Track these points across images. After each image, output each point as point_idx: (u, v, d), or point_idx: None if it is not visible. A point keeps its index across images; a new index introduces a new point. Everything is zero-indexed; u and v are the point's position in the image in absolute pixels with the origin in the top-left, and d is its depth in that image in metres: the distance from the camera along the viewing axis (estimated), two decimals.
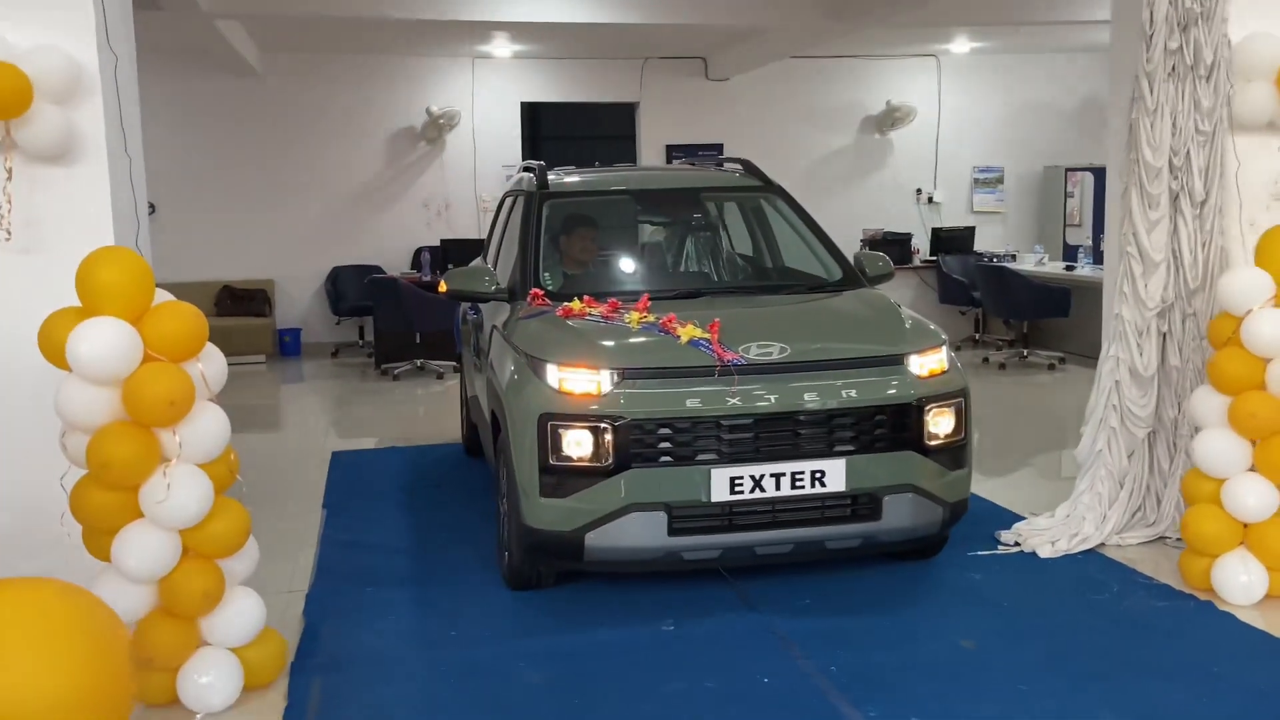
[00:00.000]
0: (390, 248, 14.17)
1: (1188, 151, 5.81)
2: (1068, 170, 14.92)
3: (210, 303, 13.58)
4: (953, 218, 15.15)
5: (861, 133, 15.15)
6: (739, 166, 6.78)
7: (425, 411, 10.85)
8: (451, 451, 8.45)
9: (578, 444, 4.89)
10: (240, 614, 4.29)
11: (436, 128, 14.02)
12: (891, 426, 4.99)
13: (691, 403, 4.87)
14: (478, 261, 7.95)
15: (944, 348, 5.27)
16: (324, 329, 14.21)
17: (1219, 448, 5.14)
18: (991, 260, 13.36)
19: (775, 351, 5.00)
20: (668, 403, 4.87)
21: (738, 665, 4.60)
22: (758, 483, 4.90)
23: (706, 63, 14.78)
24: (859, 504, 5.01)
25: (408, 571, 5.85)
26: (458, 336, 7.91)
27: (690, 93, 14.88)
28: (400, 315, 12.11)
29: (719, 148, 14.35)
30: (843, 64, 14.92)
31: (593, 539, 4.90)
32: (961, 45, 14.43)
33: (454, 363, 12.06)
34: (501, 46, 13.53)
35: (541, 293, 5.60)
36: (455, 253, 13.24)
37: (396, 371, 12.27)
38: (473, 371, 6.93)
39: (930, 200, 15.24)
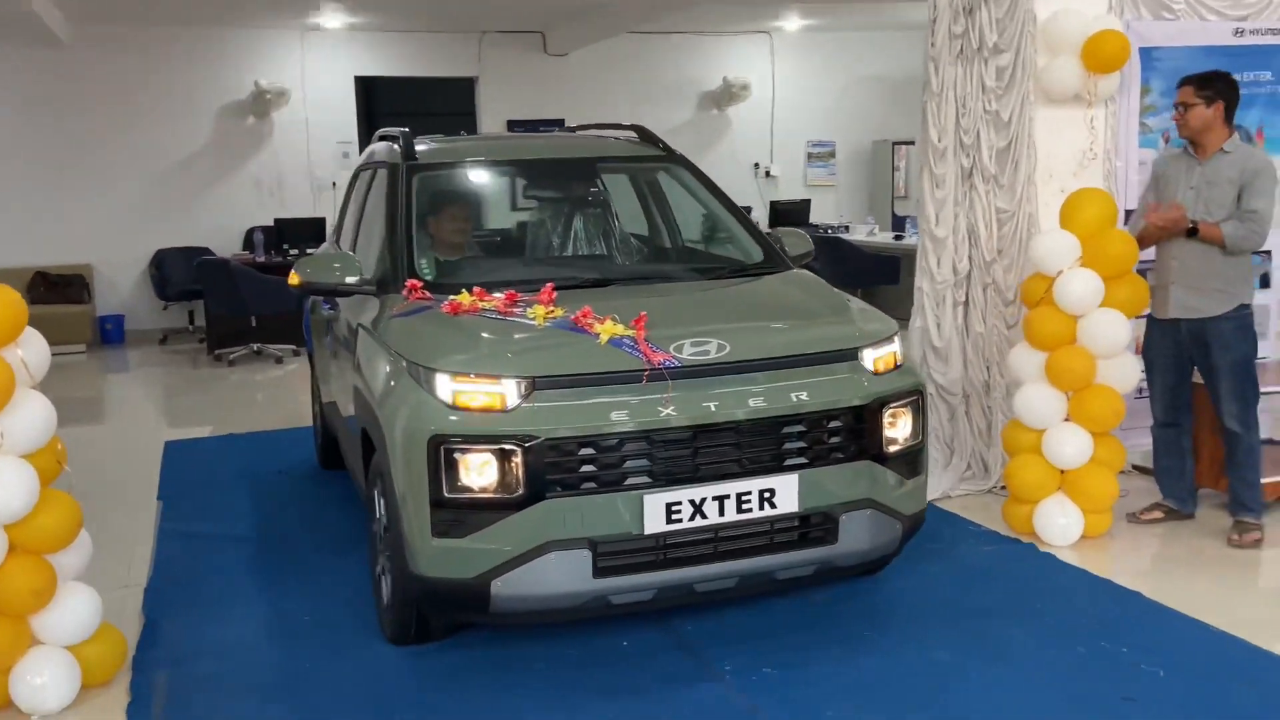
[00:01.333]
0: (220, 228, 12.50)
1: (978, 131, 5.78)
2: (894, 144, 14.41)
3: (23, 289, 11.60)
4: (789, 191, 14.38)
5: (700, 109, 14.17)
6: (632, 134, 5.57)
7: (264, 397, 9.66)
8: (295, 437, 7.40)
9: (479, 471, 3.65)
10: (74, 611, 3.81)
11: (264, 103, 12.41)
12: (848, 433, 3.90)
13: (618, 415, 3.67)
14: (326, 246, 6.58)
15: (897, 338, 4.23)
16: (150, 315, 12.51)
17: (1037, 401, 5.12)
18: (826, 231, 12.76)
19: (713, 350, 3.84)
20: (589, 417, 3.67)
21: None
22: (698, 508, 3.76)
23: (545, 37, 13.60)
24: (813, 526, 3.89)
25: (255, 561, 5.21)
26: (307, 334, 6.44)
27: (529, 68, 13.66)
28: (234, 298, 10.71)
29: (559, 123, 13.16)
30: (680, 40, 13.97)
31: (501, 587, 3.68)
32: (793, 22, 13.75)
33: (294, 346, 10.85)
34: (332, 17, 11.98)
35: (419, 284, 4.32)
36: (291, 232, 11.93)
37: (231, 357, 10.88)
38: (330, 375, 5.60)
39: (768, 174, 14.40)
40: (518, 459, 3.62)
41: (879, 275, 11.55)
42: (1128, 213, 5.62)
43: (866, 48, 14.55)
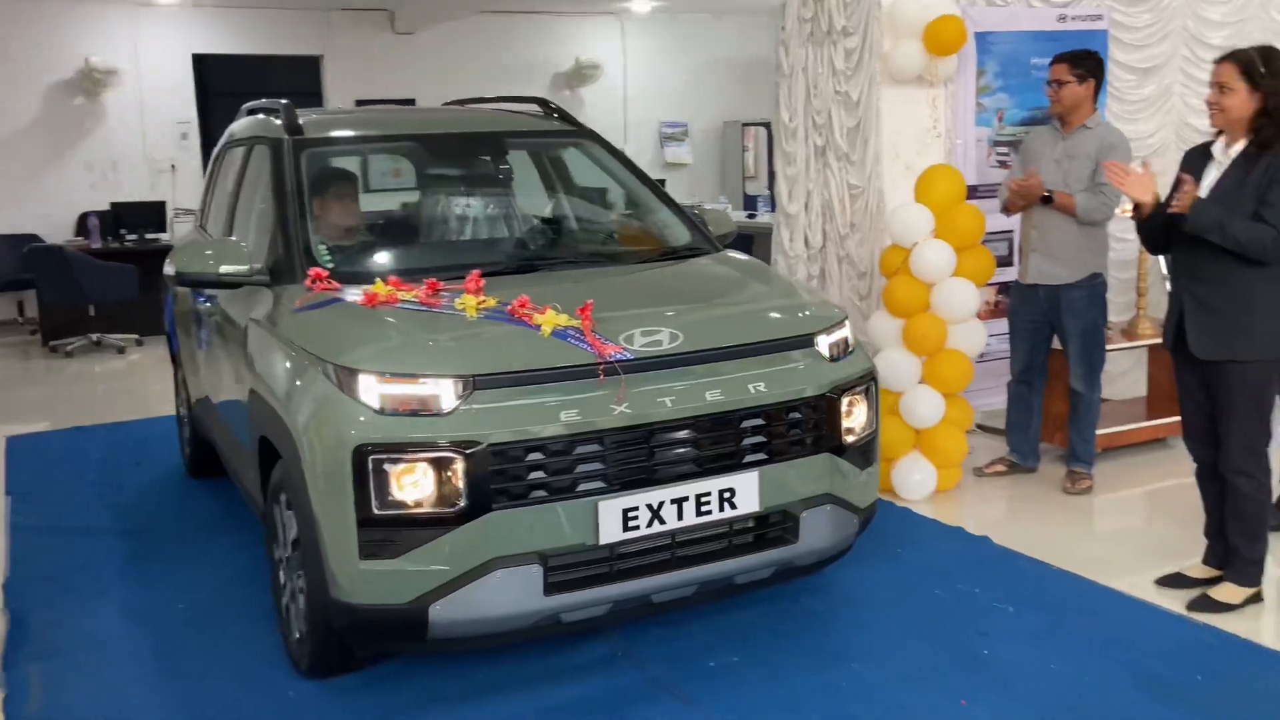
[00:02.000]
0: (49, 214, 11.25)
1: (829, 111, 5.85)
2: (744, 125, 14.17)
3: None
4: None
5: (552, 90, 13.48)
6: (535, 107, 5.00)
7: (108, 389, 8.84)
8: (149, 429, 6.80)
9: (415, 483, 3.10)
10: None
11: (95, 81, 11.25)
12: (808, 425, 3.50)
13: (568, 416, 3.17)
14: (191, 233, 5.82)
15: (846, 321, 3.85)
16: None
17: (895, 365, 5.16)
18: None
19: (665, 340, 3.37)
20: (537, 418, 3.16)
21: None
22: (656, 513, 3.29)
23: (393, 15, 12.81)
24: (774, 526, 3.49)
25: (120, 552, 4.81)
26: (170, 328, 5.66)
27: (377, 46, 12.84)
28: (69, 287, 9.73)
29: (410, 103, 12.42)
30: (531, 20, 13.39)
31: (440, 611, 3.14)
32: (642, 5, 13.32)
33: (136, 335, 10.02)
34: None
35: (325, 273, 3.72)
36: (129, 217, 10.96)
37: (69, 348, 9.88)
38: (206, 376, 4.90)
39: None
40: (458, 468, 3.09)
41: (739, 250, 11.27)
42: (970, 188, 5.71)
43: (715, 30, 14.20)
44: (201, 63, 12.50)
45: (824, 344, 3.62)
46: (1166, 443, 5.76)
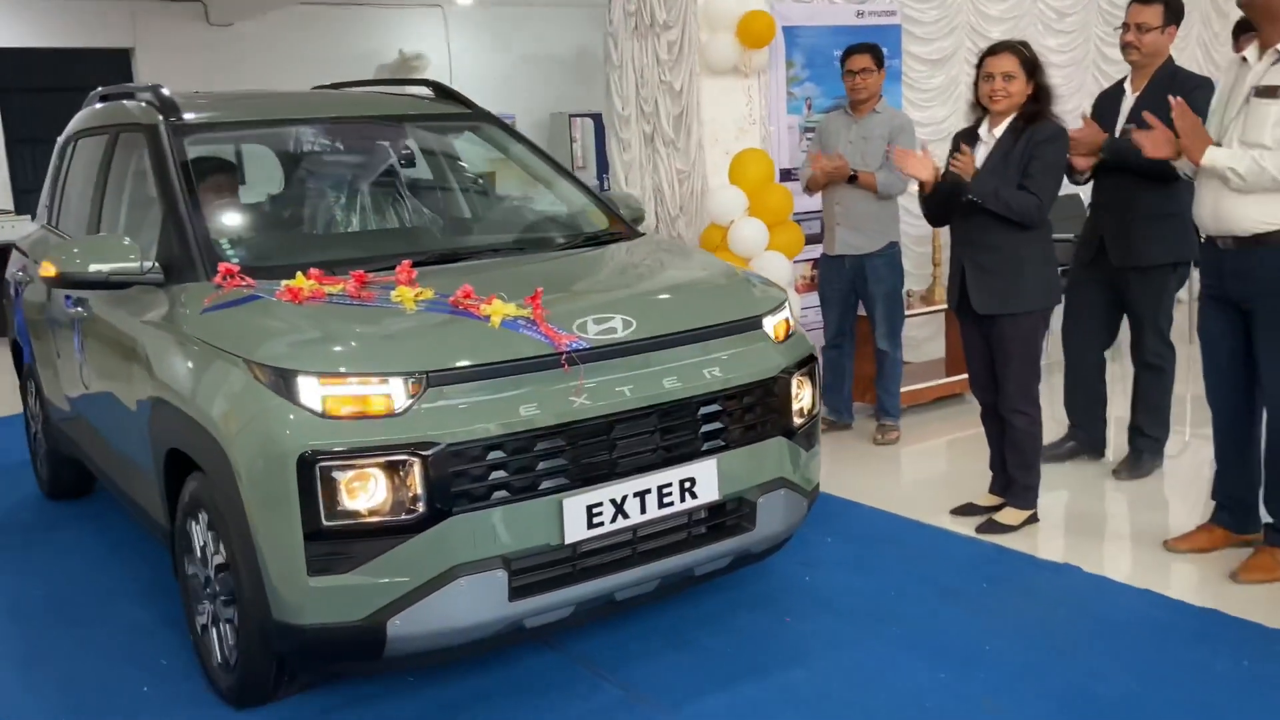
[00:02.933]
0: None
1: (656, 100, 6.06)
2: (571, 116, 13.98)
3: None
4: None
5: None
6: (427, 90, 4.65)
7: None
8: None
9: (367, 491, 2.82)
10: None
11: None
12: (760, 409, 3.35)
13: (527, 410, 2.94)
14: (38, 230, 5.28)
15: (787, 302, 3.76)
16: None
17: None
18: None
19: (619, 327, 3.14)
20: (495, 414, 2.90)
21: None
22: (619, 508, 3.08)
23: (206, 6, 12.13)
24: (731, 514, 3.34)
25: None
26: (22, 336, 5.05)
27: (192, 39, 12.10)
28: None
29: None
30: (352, 11, 12.86)
31: (399, 625, 2.86)
32: None
33: None
34: None
35: (235, 268, 3.39)
36: None
37: None
38: (68, 387, 4.45)
39: None
40: (414, 471, 2.82)
41: None
42: (784, 171, 6.32)
43: (539, 23, 13.93)
44: (2, 57, 11.62)
45: (769, 325, 3.52)
46: (963, 398, 6.13)
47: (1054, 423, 5.01)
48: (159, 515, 3.60)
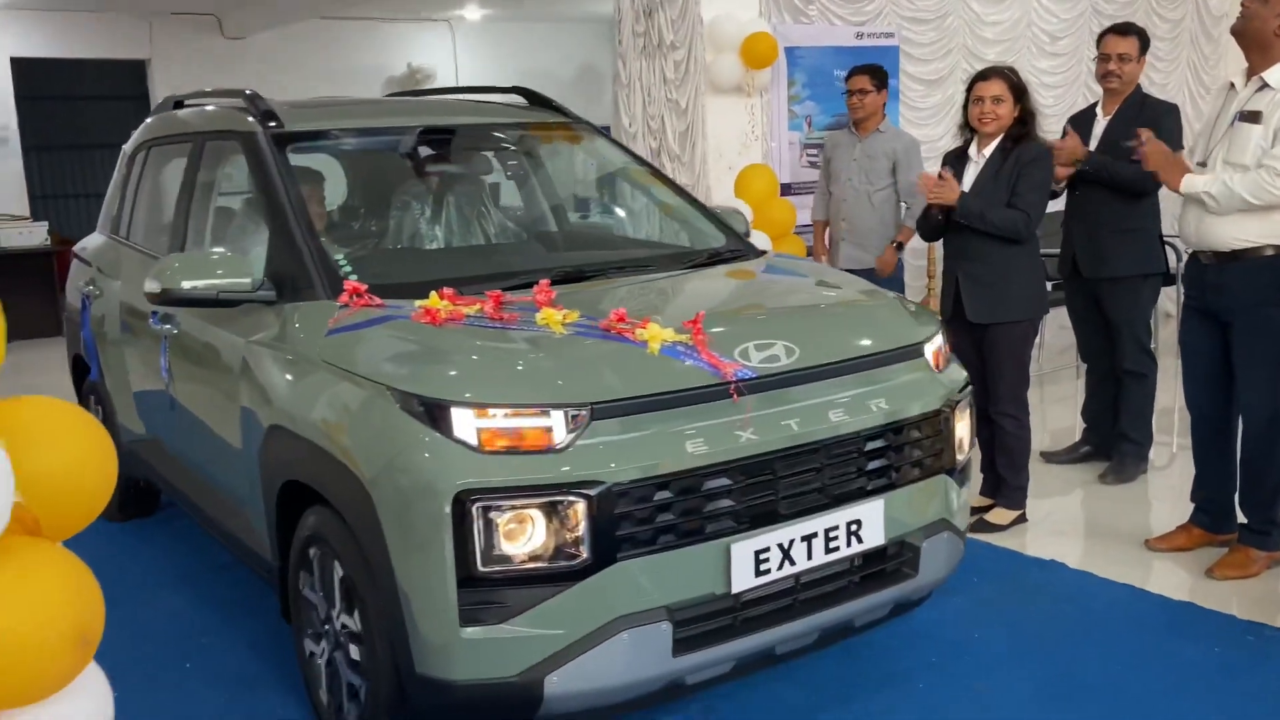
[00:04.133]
0: None
1: (662, 117, 6.32)
2: None
3: None
4: None
5: (386, 96, 12.97)
6: (520, 98, 4.38)
7: None
8: None
9: (526, 534, 2.57)
10: None
11: None
12: (925, 444, 3.09)
13: (694, 446, 2.67)
14: (101, 239, 5.02)
15: (939, 326, 3.51)
16: None
17: None
18: None
19: (782, 354, 2.88)
20: (661, 450, 2.61)
21: None
22: (786, 553, 2.83)
23: (220, 20, 12.04)
24: (893, 559, 3.09)
25: None
26: (90, 352, 4.72)
27: (206, 51, 11.97)
28: None
29: None
30: (363, 26, 12.78)
31: (557, 683, 2.58)
32: (473, 12, 13.01)
33: None
34: None
35: (362, 287, 3.15)
36: None
37: None
38: (146, 410, 4.18)
39: None
40: (578, 512, 2.57)
41: None
42: (784, 185, 6.65)
43: (546, 38, 13.77)
44: (20, 66, 11.51)
45: (929, 353, 3.29)
46: None
47: (1043, 431, 5.55)
48: (263, 551, 3.34)
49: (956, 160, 4.58)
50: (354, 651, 2.88)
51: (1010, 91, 4.39)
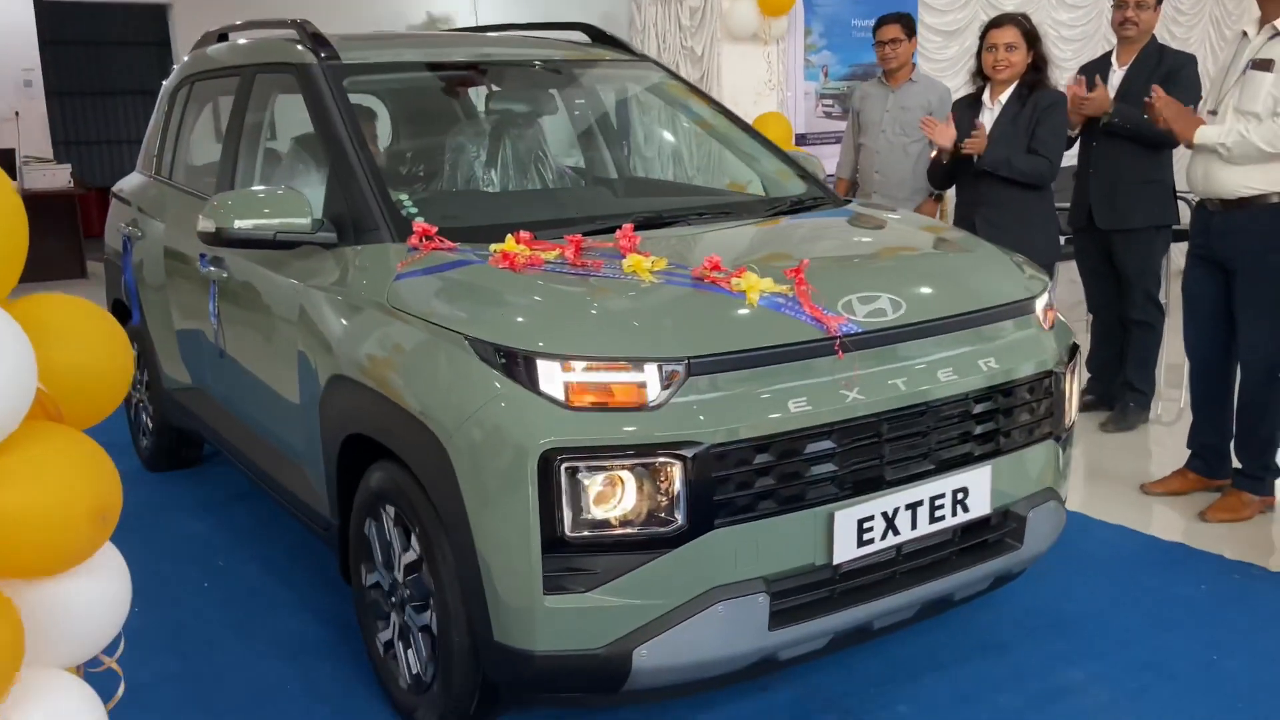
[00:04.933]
0: None
1: (677, 64, 6.24)
2: None
3: None
4: None
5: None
6: (584, 35, 4.13)
7: None
8: None
9: (616, 497, 2.40)
10: None
11: None
12: (1035, 407, 2.87)
13: (797, 406, 2.48)
14: (141, 179, 4.82)
15: (1049, 282, 3.28)
16: None
17: None
18: None
19: (888, 308, 2.67)
20: (762, 409, 2.42)
21: None
22: (891, 522, 2.64)
23: None
24: (1000, 529, 2.89)
25: None
26: (132, 296, 4.57)
27: None
28: None
29: None
30: None
31: (646, 656, 2.40)
32: None
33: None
34: None
35: (432, 229, 2.94)
36: None
37: None
38: (194, 356, 4.02)
39: None
40: (674, 475, 2.37)
41: None
42: (799, 136, 6.67)
43: None
44: (44, 10, 11.34)
45: (1039, 309, 3.07)
46: None
47: None
48: (322, 507, 3.16)
49: (969, 107, 4.62)
50: (424, 617, 2.70)
51: (1023, 38, 4.43)
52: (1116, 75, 4.89)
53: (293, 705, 3.02)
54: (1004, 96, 4.51)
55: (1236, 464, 4.16)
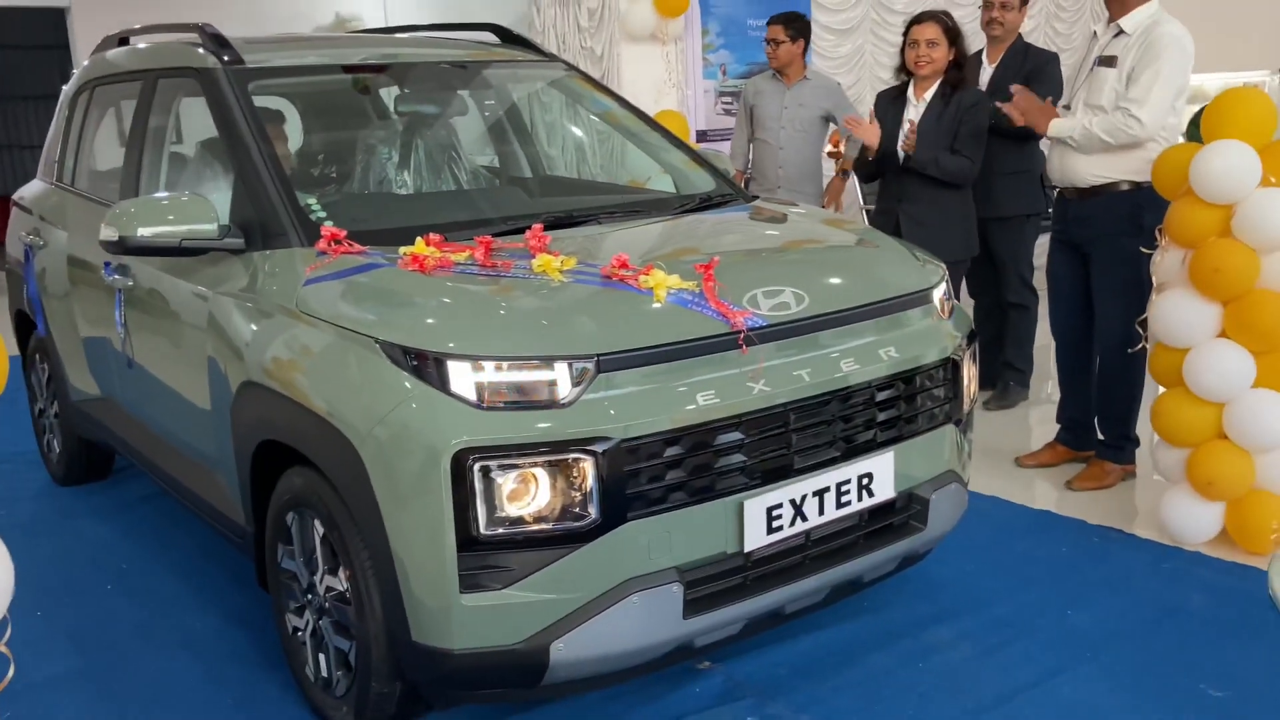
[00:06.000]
0: None
1: (577, 64, 6.21)
2: None
3: None
4: None
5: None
6: (493, 35, 4.16)
7: None
8: None
9: (530, 494, 2.43)
10: None
11: None
12: (934, 394, 2.98)
13: (705, 399, 2.53)
14: (41, 186, 4.73)
15: (944, 273, 3.39)
16: None
17: None
18: None
19: (791, 301, 2.74)
20: (671, 404, 2.47)
21: None
22: (799, 509, 2.71)
23: None
24: (904, 512, 2.99)
25: None
26: (36, 307, 4.41)
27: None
28: None
29: None
30: None
31: (563, 650, 2.44)
32: None
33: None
34: None
35: (341, 233, 2.94)
36: None
37: None
38: (100, 367, 3.95)
39: None
40: (587, 470, 2.42)
41: None
42: (700, 133, 6.83)
43: None
44: None
45: (936, 299, 3.17)
46: None
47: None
48: (236, 515, 3.15)
49: (892, 102, 4.74)
50: (342, 617, 2.72)
51: (945, 35, 4.56)
52: (987, 72, 5.14)
53: (194, 694, 3.05)
54: (929, 94, 4.64)
55: (1100, 435, 4.38)
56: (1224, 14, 8.76)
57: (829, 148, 5.63)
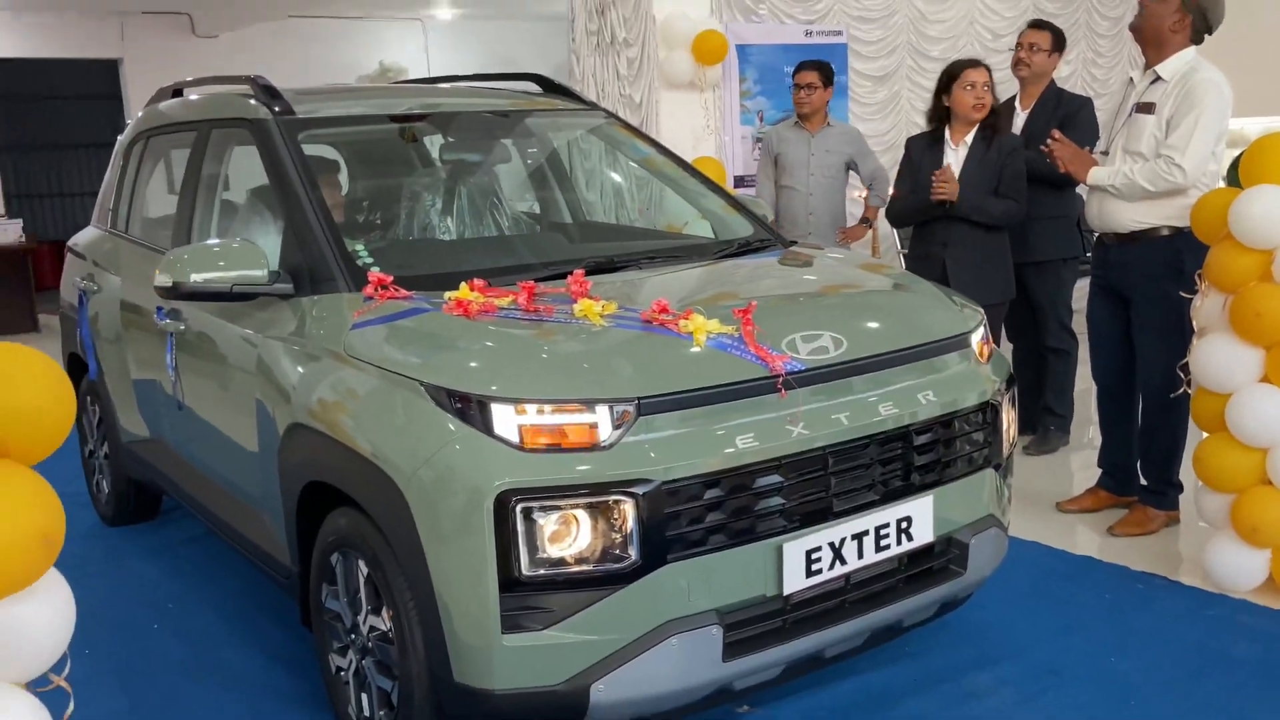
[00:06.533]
0: None
1: (616, 111, 6.30)
2: None
3: None
4: None
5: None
6: (535, 84, 4.27)
7: None
8: None
9: (571, 535, 2.47)
10: None
11: None
12: (973, 438, 3.00)
13: (744, 442, 2.56)
14: (96, 233, 4.86)
15: (983, 317, 3.41)
16: None
17: None
18: None
19: (830, 346, 2.78)
20: (711, 447, 2.51)
21: None
22: (838, 552, 2.73)
23: (192, 19, 11.94)
24: (943, 556, 3.00)
25: None
26: (89, 350, 4.56)
27: (179, 50, 11.94)
28: None
29: None
30: (335, 24, 12.79)
31: (603, 691, 2.47)
32: (445, 11, 13.02)
33: None
34: None
35: (388, 279, 3.01)
36: None
37: None
38: (151, 409, 4.05)
39: None
40: (627, 512, 2.45)
41: None
42: (738, 178, 6.94)
43: (515, 36, 13.70)
44: None
45: (974, 343, 3.18)
46: None
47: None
48: (282, 555, 3.20)
49: (928, 147, 4.75)
50: (384, 657, 2.75)
51: (987, 86, 4.67)
52: (1020, 119, 5.15)
53: None
54: (968, 138, 4.66)
55: (1142, 481, 4.35)
56: (1263, 58, 8.75)
57: (855, 193, 5.72)
